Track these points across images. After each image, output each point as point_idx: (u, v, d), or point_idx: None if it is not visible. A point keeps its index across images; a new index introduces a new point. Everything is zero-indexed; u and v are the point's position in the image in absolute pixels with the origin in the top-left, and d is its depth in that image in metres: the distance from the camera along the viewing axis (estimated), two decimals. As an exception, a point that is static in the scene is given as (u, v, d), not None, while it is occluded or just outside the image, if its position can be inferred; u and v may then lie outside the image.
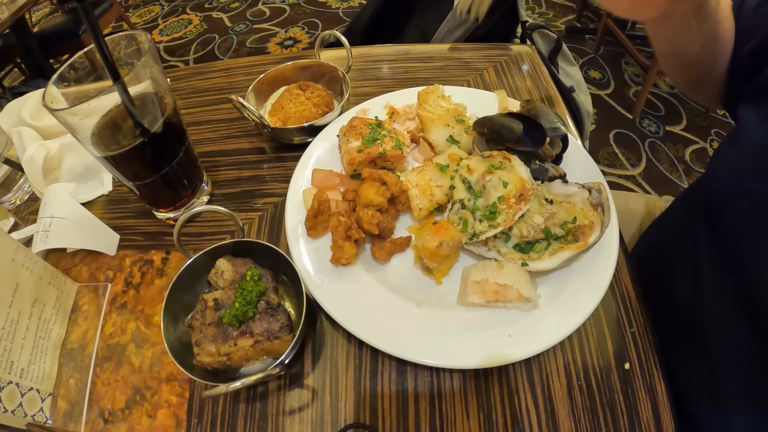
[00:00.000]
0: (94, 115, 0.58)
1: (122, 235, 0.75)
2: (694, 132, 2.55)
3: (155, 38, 3.71)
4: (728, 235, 0.55)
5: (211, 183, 0.80)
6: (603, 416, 0.53)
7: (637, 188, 2.26)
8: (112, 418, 0.57)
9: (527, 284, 0.57)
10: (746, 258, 0.52)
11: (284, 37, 3.52)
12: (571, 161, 0.72)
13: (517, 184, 0.61)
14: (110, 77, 0.56)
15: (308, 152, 0.78)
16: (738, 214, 0.53)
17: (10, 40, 2.52)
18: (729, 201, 0.54)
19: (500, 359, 0.53)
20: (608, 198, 0.60)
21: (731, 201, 0.54)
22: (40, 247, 0.69)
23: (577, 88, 1.17)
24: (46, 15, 3.96)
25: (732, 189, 0.54)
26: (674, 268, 0.67)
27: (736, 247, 0.53)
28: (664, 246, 0.74)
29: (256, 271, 0.57)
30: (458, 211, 0.64)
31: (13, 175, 0.84)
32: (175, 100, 0.67)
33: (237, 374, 0.56)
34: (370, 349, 0.59)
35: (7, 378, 0.53)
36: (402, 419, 0.54)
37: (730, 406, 0.54)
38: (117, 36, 0.61)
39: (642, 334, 0.58)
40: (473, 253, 0.64)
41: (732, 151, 0.55)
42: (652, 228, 0.83)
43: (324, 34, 0.93)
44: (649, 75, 2.49)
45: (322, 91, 0.88)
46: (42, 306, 0.61)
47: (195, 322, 0.55)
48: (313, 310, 0.63)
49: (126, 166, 0.64)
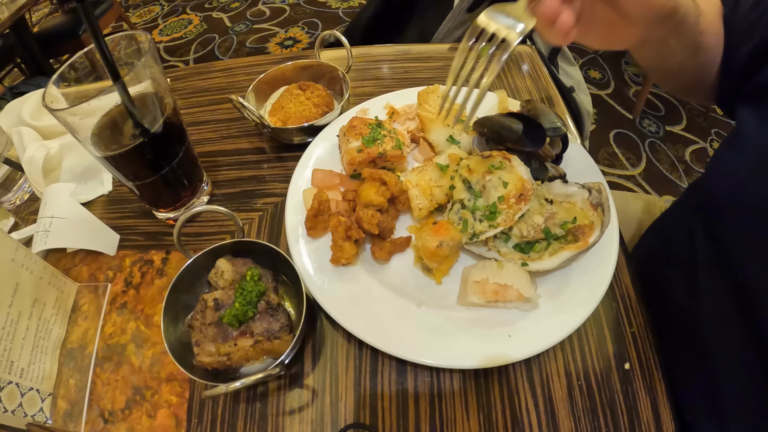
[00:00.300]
0: (94, 115, 0.58)
1: (122, 235, 0.75)
2: (694, 132, 2.55)
3: (155, 38, 3.71)
4: (726, 240, 0.55)
5: (211, 183, 0.80)
6: (603, 416, 0.53)
7: (637, 188, 2.26)
8: (112, 418, 0.57)
9: (527, 284, 0.57)
10: (744, 263, 0.51)
11: (284, 37, 3.52)
12: (571, 161, 0.72)
13: (517, 184, 0.61)
14: (110, 77, 0.56)
15: (308, 152, 0.78)
16: (736, 218, 0.52)
17: (10, 40, 2.52)
18: (727, 205, 0.54)
19: (500, 359, 0.53)
20: (608, 198, 0.60)
21: (729, 205, 0.53)
22: (40, 247, 0.69)
23: (577, 88, 1.17)
24: (46, 15, 3.96)
25: (731, 192, 0.53)
26: (672, 271, 0.67)
27: (735, 252, 0.53)
28: (662, 249, 0.74)
29: (256, 271, 0.57)
30: (458, 211, 0.64)
31: (13, 175, 0.84)
32: (175, 100, 0.67)
33: (237, 374, 0.56)
34: (370, 349, 0.59)
35: (7, 378, 0.53)
36: (402, 419, 0.54)
37: (726, 411, 0.53)
38: (117, 36, 0.61)
39: (642, 334, 0.58)
40: (473, 253, 0.64)
41: (731, 155, 0.55)
42: (650, 230, 0.83)
43: (324, 34, 0.93)
44: (649, 75, 2.49)
45: (322, 91, 0.88)
46: (42, 306, 0.61)
47: (195, 322, 0.55)
48: (313, 310, 0.63)
49: (126, 166, 0.64)
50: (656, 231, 0.81)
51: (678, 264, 0.66)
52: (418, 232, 0.67)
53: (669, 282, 0.66)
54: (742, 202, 0.51)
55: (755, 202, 0.48)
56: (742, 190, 0.51)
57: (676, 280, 0.65)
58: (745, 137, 0.53)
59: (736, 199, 0.52)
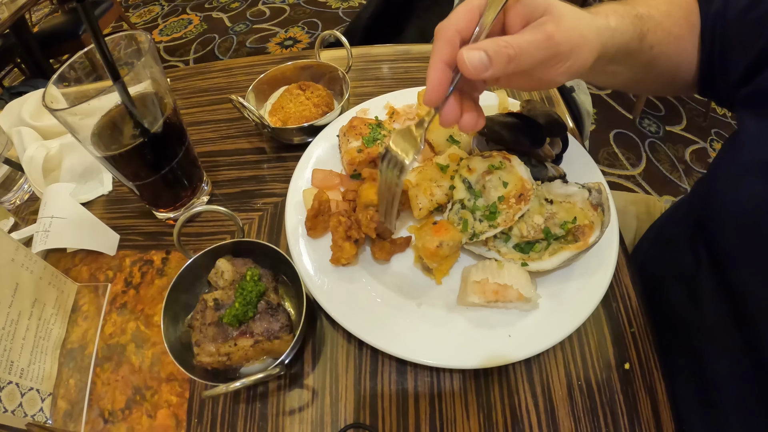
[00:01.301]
0: (94, 115, 0.58)
1: (122, 235, 0.75)
2: (694, 132, 2.55)
3: (155, 38, 3.71)
4: (724, 253, 0.54)
5: (211, 183, 0.80)
6: (603, 416, 0.53)
7: (637, 188, 2.27)
8: (112, 418, 0.57)
9: (527, 284, 0.57)
10: (737, 269, 0.51)
11: (284, 37, 3.52)
12: (571, 161, 0.72)
13: (517, 184, 0.61)
14: (110, 77, 0.56)
15: (308, 152, 0.78)
16: (733, 228, 0.51)
17: (10, 40, 2.52)
18: (724, 213, 0.53)
19: (500, 359, 0.53)
20: (608, 198, 0.60)
21: (726, 214, 0.52)
22: (40, 247, 0.69)
23: (577, 88, 1.17)
24: (46, 15, 3.97)
25: (729, 198, 0.52)
26: (671, 278, 0.66)
27: (733, 264, 0.52)
28: (660, 254, 0.74)
29: (256, 271, 0.57)
30: (458, 211, 0.64)
31: (13, 175, 0.84)
32: (175, 100, 0.67)
33: (237, 374, 0.56)
34: (370, 349, 0.59)
35: (7, 378, 0.53)
36: (402, 419, 0.54)
37: (724, 414, 0.53)
38: (117, 36, 0.61)
39: (642, 334, 0.58)
40: (473, 253, 0.64)
41: (731, 166, 0.54)
42: (650, 232, 0.82)
43: (324, 34, 0.93)
44: (649, 75, 2.48)
45: (322, 91, 0.88)
46: (42, 306, 0.61)
47: (195, 322, 0.55)
48: (313, 310, 0.63)
49: (126, 166, 0.64)
50: (655, 234, 0.80)
51: (676, 272, 0.65)
52: (418, 232, 0.67)
53: (667, 289, 0.66)
54: (740, 213, 0.49)
55: (755, 215, 0.47)
56: (740, 203, 0.49)
57: (674, 288, 0.64)
58: (746, 147, 0.51)
59: (734, 211, 0.51)
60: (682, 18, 0.58)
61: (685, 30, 0.58)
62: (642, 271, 0.65)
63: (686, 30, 0.58)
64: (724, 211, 0.53)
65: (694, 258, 0.60)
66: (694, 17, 0.58)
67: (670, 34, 0.56)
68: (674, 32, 0.57)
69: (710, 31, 0.57)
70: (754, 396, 0.50)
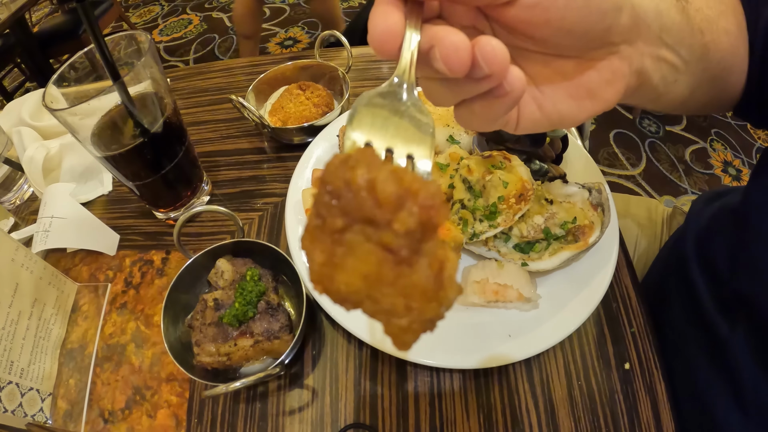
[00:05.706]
0: (94, 115, 0.58)
1: (122, 235, 0.75)
2: (694, 132, 2.55)
3: (155, 38, 3.71)
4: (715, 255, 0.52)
5: (211, 183, 0.80)
6: (603, 416, 0.53)
7: (637, 188, 2.26)
8: (112, 418, 0.57)
9: (527, 284, 0.57)
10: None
11: (284, 37, 3.51)
12: (571, 161, 0.72)
13: (517, 185, 0.61)
14: (110, 77, 0.56)
15: (308, 152, 0.78)
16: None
17: (10, 40, 2.52)
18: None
19: (500, 359, 0.53)
20: (608, 198, 0.60)
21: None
22: (40, 247, 0.69)
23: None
24: (46, 15, 3.96)
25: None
26: (672, 300, 0.65)
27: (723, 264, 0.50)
28: (664, 275, 0.71)
29: (256, 271, 0.57)
30: (458, 211, 0.64)
31: (13, 175, 0.84)
32: (175, 100, 0.67)
33: (237, 374, 0.56)
34: (370, 349, 0.59)
35: (7, 378, 0.53)
36: (402, 419, 0.54)
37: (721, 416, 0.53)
38: (117, 36, 0.61)
39: (642, 334, 0.58)
40: (473, 253, 0.64)
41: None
42: (657, 262, 0.79)
43: (324, 34, 0.93)
44: (649, 75, 2.48)
45: (322, 91, 0.88)
46: (42, 306, 0.61)
47: (195, 322, 0.55)
48: (313, 310, 0.63)
49: (126, 166, 0.64)
50: (657, 265, 0.78)
51: (702, 326, 0.62)
52: (418, 232, 0.67)
53: (669, 291, 0.66)
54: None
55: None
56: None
57: (674, 289, 0.64)
58: None
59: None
60: (731, 15, 0.46)
61: (733, 26, 0.47)
62: (643, 277, 0.62)
63: (734, 26, 0.47)
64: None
65: (726, 322, 0.55)
66: (741, 16, 0.47)
67: (720, 28, 0.44)
68: (723, 26, 0.45)
69: (762, 45, 0.47)
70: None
